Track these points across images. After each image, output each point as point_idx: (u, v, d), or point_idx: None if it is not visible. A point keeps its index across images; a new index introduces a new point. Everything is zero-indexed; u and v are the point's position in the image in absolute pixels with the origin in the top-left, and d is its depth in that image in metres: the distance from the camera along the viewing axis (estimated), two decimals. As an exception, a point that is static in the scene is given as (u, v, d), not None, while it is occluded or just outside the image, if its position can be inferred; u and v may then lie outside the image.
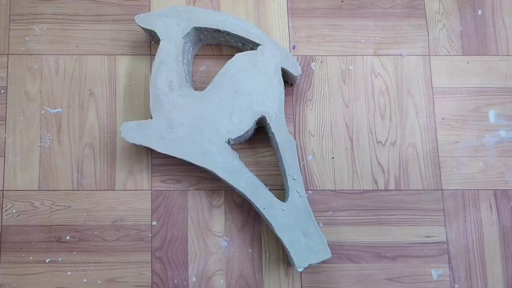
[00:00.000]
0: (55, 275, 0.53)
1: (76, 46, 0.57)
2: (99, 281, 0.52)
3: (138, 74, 0.56)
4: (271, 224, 0.50)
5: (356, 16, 0.58)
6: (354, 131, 0.56)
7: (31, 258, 0.53)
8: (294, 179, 0.51)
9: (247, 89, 0.51)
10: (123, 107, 0.56)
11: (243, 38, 0.53)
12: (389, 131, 0.56)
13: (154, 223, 0.54)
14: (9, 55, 0.56)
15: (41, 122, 0.55)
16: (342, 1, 0.58)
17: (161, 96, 0.51)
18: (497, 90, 0.57)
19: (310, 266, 0.50)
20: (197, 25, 0.53)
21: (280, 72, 0.52)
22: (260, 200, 0.50)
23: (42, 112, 0.56)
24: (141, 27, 0.53)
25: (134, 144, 0.51)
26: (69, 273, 0.53)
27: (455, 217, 0.54)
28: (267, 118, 0.51)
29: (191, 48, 0.55)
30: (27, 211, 0.54)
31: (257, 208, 0.50)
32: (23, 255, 0.53)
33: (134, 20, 0.57)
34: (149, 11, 0.58)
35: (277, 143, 0.51)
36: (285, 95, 0.54)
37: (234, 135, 0.51)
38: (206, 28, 0.53)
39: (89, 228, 0.53)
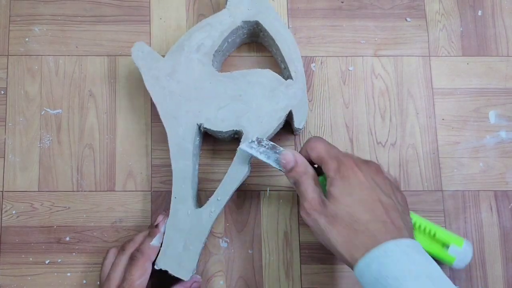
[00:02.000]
0: (54, 276, 0.53)
1: (76, 47, 0.57)
2: (98, 282, 0.52)
3: (138, 74, 0.56)
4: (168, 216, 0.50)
5: (356, 17, 0.58)
6: (354, 132, 0.56)
7: (30, 259, 0.53)
8: (218, 200, 0.49)
9: (250, 102, 0.51)
10: (123, 108, 0.56)
11: (286, 63, 0.52)
12: (389, 131, 0.56)
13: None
14: (9, 56, 0.57)
15: (40, 123, 0.55)
16: (342, 2, 0.58)
17: (185, 47, 0.51)
18: (497, 91, 0.57)
19: (165, 271, 0.48)
20: (261, 22, 0.52)
21: (287, 112, 0.51)
22: (179, 190, 0.50)
23: (42, 113, 0.56)
24: None
25: (136, 64, 0.51)
26: (68, 274, 0.53)
27: (455, 218, 0.54)
28: (242, 136, 0.50)
29: (245, 36, 0.55)
30: (26, 212, 0.54)
31: (172, 194, 0.50)
32: (23, 256, 0.53)
33: (136, 20, 0.57)
34: (149, 12, 0.58)
35: (232, 163, 0.50)
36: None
37: (208, 126, 0.50)
38: (266, 30, 0.52)
39: (89, 229, 0.53)
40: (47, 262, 0.53)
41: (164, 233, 0.49)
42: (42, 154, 0.55)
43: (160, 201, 0.54)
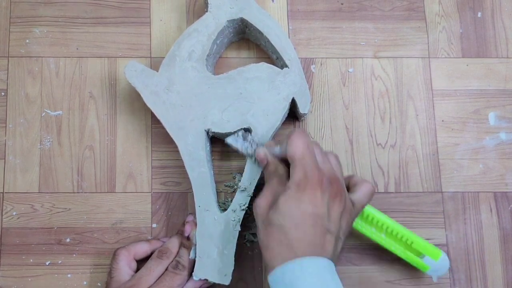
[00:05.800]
0: (55, 278, 0.53)
1: (77, 48, 0.57)
2: (99, 283, 0.52)
3: (138, 76, 0.56)
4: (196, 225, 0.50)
5: (355, 18, 0.58)
6: (354, 133, 0.56)
7: (31, 260, 0.53)
8: (241, 202, 0.50)
9: (251, 97, 0.51)
10: (123, 109, 0.56)
11: (278, 52, 0.52)
12: (389, 133, 0.56)
13: (154, 225, 0.54)
14: (10, 58, 0.57)
15: (41, 125, 0.55)
16: (342, 4, 0.58)
17: (177, 58, 0.51)
18: (497, 93, 0.57)
19: (205, 280, 0.49)
20: (246, 18, 0.52)
21: (290, 100, 0.51)
22: (201, 197, 0.50)
23: (42, 115, 0.56)
24: None
25: (132, 84, 0.51)
26: (69, 275, 0.53)
27: (455, 220, 0.54)
28: (251, 132, 0.51)
29: (232, 35, 0.55)
30: (27, 214, 0.54)
31: (195, 204, 0.50)
32: (23, 257, 0.53)
33: (136, 22, 0.57)
34: (149, 14, 0.58)
35: (247, 161, 0.50)
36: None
37: (215, 129, 0.51)
38: (252, 25, 0.52)
39: (89, 230, 0.54)
40: (47, 263, 0.53)
41: (195, 244, 0.49)
42: (42, 155, 0.55)
43: (160, 203, 0.54)
